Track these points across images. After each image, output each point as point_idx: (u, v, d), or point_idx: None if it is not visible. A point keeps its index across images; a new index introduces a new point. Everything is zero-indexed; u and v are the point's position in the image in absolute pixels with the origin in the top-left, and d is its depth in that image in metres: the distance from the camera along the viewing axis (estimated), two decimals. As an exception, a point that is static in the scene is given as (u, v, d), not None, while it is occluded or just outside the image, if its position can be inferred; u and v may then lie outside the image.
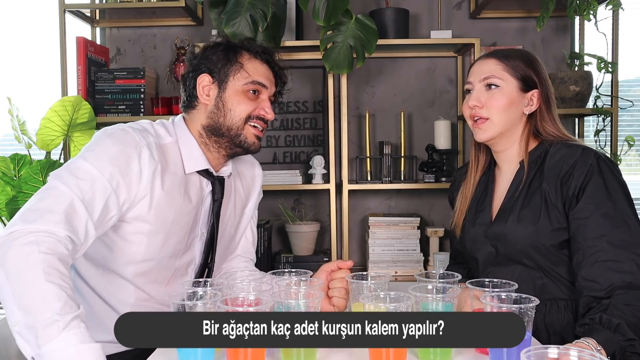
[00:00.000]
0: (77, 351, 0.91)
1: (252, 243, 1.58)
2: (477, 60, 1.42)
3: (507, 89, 1.33)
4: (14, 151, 2.24)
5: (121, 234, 1.25)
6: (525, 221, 1.28)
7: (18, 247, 0.98)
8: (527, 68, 1.35)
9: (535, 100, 1.35)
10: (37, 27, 2.85)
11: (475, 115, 1.36)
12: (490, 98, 1.34)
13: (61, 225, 1.04)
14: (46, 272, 0.96)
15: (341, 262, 1.31)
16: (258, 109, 1.35)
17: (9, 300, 0.95)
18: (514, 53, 1.37)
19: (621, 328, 1.08)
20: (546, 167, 1.30)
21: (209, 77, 1.34)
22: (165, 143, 1.31)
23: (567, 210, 1.25)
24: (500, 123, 1.34)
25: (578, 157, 1.26)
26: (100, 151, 1.19)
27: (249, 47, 1.37)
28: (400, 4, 2.49)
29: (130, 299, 1.32)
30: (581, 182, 1.24)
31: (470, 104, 1.36)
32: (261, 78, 1.35)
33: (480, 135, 1.37)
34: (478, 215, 1.40)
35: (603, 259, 1.17)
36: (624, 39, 2.38)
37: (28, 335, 0.92)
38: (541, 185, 1.29)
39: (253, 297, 1.02)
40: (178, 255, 1.34)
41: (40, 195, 1.10)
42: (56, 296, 0.94)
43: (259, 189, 1.57)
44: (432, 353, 1.01)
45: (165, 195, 1.26)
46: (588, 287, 1.17)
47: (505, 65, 1.34)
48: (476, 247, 1.39)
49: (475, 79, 1.37)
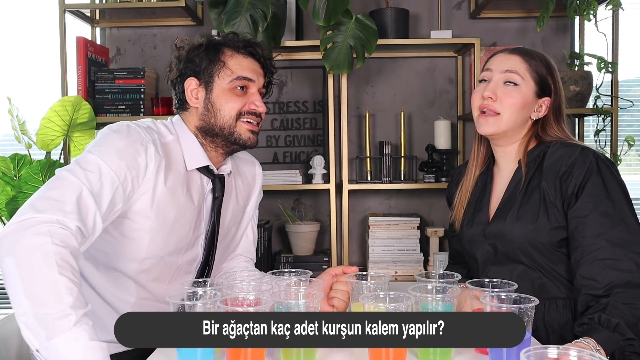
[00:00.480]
0: (87, 347, 0.91)
1: (252, 242, 1.58)
2: (499, 52, 1.38)
3: (524, 90, 1.32)
4: (14, 151, 2.25)
5: (123, 231, 1.26)
6: (524, 219, 1.28)
7: (31, 236, 0.98)
8: (547, 74, 1.33)
9: (544, 108, 1.34)
10: (37, 27, 2.86)
11: (485, 107, 1.34)
12: (507, 94, 1.32)
13: (72, 216, 1.04)
14: (59, 265, 0.95)
15: (347, 268, 1.31)
16: (248, 103, 1.34)
17: (17, 289, 0.94)
18: (537, 55, 1.35)
19: (620, 327, 1.08)
20: (545, 166, 1.30)
21: (195, 80, 1.34)
22: (168, 141, 1.32)
23: (565, 208, 1.25)
24: (510, 122, 1.32)
25: (577, 156, 1.26)
26: (108, 145, 1.20)
27: (230, 43, 1.36)
28: (400, 4, 2.49)
29: (132, 298, 1.32)
30: (580, 180, 1.23)
31: (485, 94, 1.33)
32: (246, 72, 1.34)
33: (485, 128, 1.35)
34: (476, 215, 1.40)
35: (602, 257, 1.17)
36: (624, 39, 2.38)
37: (36, 326, 0.91)
38: (540, 184, 1.29)
39: (253, 297, 1.02)
40: (181, 252, 1.34)
41: (51, 185, 1.10)
42: (69, 290, 0.94)
43: (259, 188, 1.58)
44: (432, 353, 1.01)
45: (167, 192, 1.26)
46: (587, 285, 1.17)
47: (528, 65, 1.33)
48: (474, 246, 1.39)
49: (497, 68, 1.34)
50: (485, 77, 1.37)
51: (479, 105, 1.35)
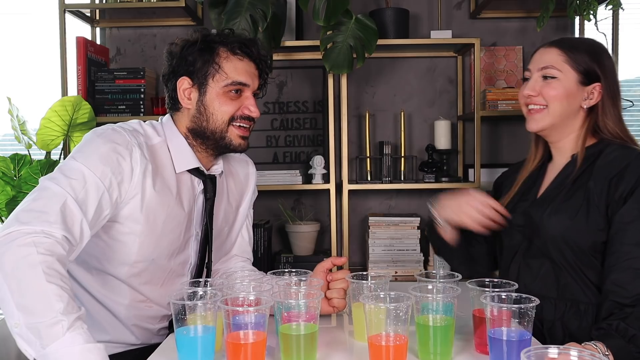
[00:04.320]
0: (83, 350, 0.90)
1: (248, 242, 1.57)
2: (540, 47, 1.38)
3: (565, 80, 1.30)
4: (14, 151, 2.24)
5: (113, 235, 1.24)
6: (563, 214, 1.25)
7: (16, 249, 0.98)
8: (592, 62, 1.30)
9: (596, 94, 1.30)
10: (37, 27, 2.85)
11: (530, 103, 1.33)
12: (546, 86, 1.31)
13: (57, 226, 1.04)
14: (46, 273, 0.95)
15: (335, 259, 1.30)
16: (242, 108, 1.32)
17: (7, 302, 0.94)
18: (581, 45, 1.33)
19: (636, 339, 1.06)
20: (597, 166, 1.27)
21: (188, 80, 1.30)
22: (154, 144, 1.29)
23: (609, 212, 1.22)
24: (556, 114, 1.30)
25: (632, 160, 1.23)
26: (91, 151, 1.18)
27: (226, 42, 1.31)
28: (400, 4, 2.49)
29: (125, 301, 1.31)
30: (631, 186, 1.20)
31: (525, 92, 1.34)
32: (241, 77, 1.30)
33: (533, 124, 1.34)
34: (520, 205, 1.37)
35: (636, 266, 1.15)
36: (624, 39, 2.38)
37: (30, 336, 0.91)
38: (587, 183, 1.26)
39: (253, 297, 1.02)
40: (173, 255, 1.33)
41: (34, 196, 1.09)
42: (58, 296, 0.93)
43: (253, 187, 1.55)
44: (432, 353, 1.01)
45: (156, 195, 1.25)
46: (615, 292, 1.15)
47: (567, 56, 1.30)
48: (508, 234, 1.36)
49: (534, 67, 1.34)
50: (527, 76, 1.37)
51: (524, 103, 1.36)
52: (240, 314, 0.95)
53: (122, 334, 1.33)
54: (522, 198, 1.39)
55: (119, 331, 1.33)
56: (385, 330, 0.94)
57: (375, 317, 0.95)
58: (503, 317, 0.96)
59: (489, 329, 0.97)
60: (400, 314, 0.93)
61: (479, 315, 1.05)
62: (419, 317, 1.03)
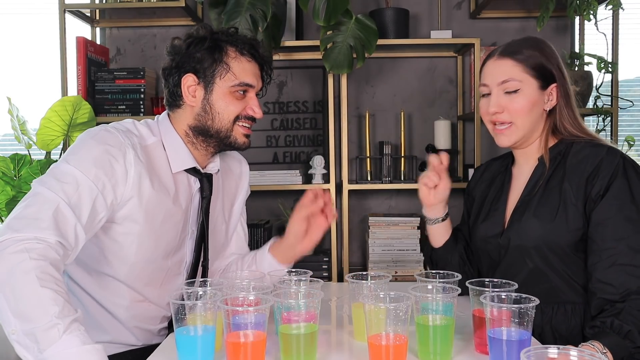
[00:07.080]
0: (80, 352, 0.90)
1: (244, 239, 1.57)
2: (489, 58, 1.34)
3: (527, 91, 1.27)
4: (14, 151, 2.24)
5: (112, 236, 1.24)
6: (542, 218, 1.25)
7: (8, 256, 0.97)
8: (543, 59, 1.28)
9: (554, 94, 1.29)
10: (37, 27, 2.85)
11: (496, 120, 1.31)
12: (511, 102, 1.28)
13: (50, 232, 1.03)
14: (40, 278, 0.95)
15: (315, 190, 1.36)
16: (247, 108, 1.32)
17: (4, 310, 0.94)
18: (525, 44, 1.30)
19: (632, 335, 1.07)
20: (568, 166, 1.27)
21: (194, 77, 1.29)
22: (149, 144, 1.28)
23: (587, 210, 1.22)
24: (525, 127, 1.29)
25: (604, 157, 1.23)
26: (83, 153, 1.17)
27: (235, 42, 1.31)
28: (400, 4, 2.49)
29: (125, 301, 1.31)
30: (606, 182, 1.20)
31: (490, 110, 1.30)
32: (248, 78, 1.31)
33: (504, 140, 1.32)
34: (492, 215, 1.37)
35: (621, 262, 1.15)
36: (624, 39, 2.39)
37: (27, 342, 0.91)
38: (562, 184, 1.25)
39: (253, 297, 1.02)
40: (170, 255, 1.33)
41: (26, 203, 1.08)
42: (53, 300, 0.93)
43: (246, 185, 1.56)
44: (432, 353, 1.01)
45: (153, 196, 1.24)
46: (602, 289, 1.15)
47: (522, 64, 1.27)
48: (487, 244, 1.36)
49: (492, 82, 1.30)
50: (484, 92, 1.34)
51: (489, 120, 1.33)
52: (240, 314, 0.95)
53: (122, 335, 1.33)
54: (493, 207, 1.39)
55: (119, 332, 1.33)
56: (385, 330, 0.94)
57: (375, 317, 0.95)
58: (503, 317, 0.96)
59: (488, 329, 0.97)
60: (400, 314, 0.93)
61: (478, 315, 1.05)
62: (419, 317, 1.03)
